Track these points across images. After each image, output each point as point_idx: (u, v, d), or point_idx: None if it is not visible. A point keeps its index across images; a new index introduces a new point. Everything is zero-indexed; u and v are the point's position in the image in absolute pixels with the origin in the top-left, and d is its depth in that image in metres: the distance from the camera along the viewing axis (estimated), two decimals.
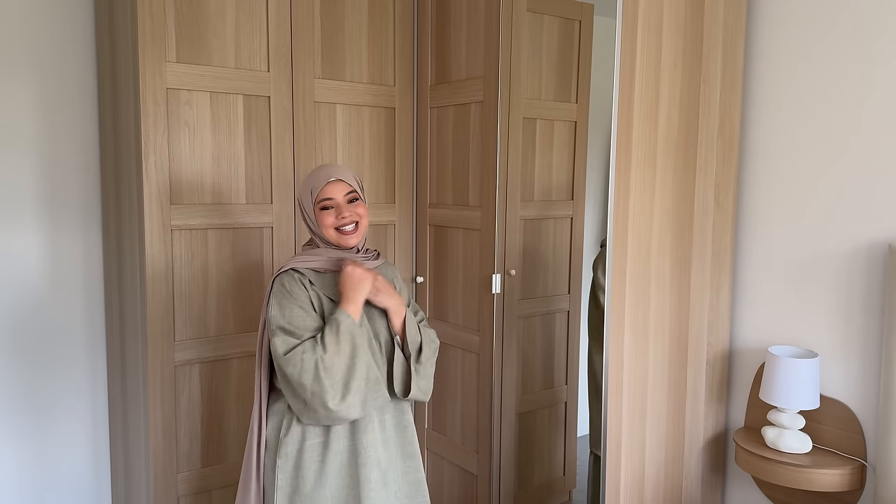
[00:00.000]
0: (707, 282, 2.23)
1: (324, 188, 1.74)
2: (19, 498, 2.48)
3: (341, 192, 1.75)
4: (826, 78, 2.10)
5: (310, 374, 1.60)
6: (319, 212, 1.74)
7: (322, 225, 1.74)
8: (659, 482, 2.20)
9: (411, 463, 1.85)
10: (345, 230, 1.74)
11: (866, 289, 2.03)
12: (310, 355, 1.62)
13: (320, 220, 1.74)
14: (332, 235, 1.75)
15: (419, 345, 1.82)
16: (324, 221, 1.74)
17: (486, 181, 2.58)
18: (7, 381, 2.44)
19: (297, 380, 1.62)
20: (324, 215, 1.74)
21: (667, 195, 2.10)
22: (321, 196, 1.74)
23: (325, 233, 1.75)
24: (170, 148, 2.23)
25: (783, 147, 2.21)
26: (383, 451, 1.77)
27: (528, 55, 2.63)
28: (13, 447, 2.46)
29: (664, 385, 2.17)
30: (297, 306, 1.69)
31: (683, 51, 2.07)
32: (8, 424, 2.45)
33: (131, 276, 2.30)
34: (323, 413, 1.63)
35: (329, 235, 1.75)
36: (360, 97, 2.63)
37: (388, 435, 1.80)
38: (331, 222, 1.73)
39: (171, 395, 2.27)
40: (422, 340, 1.83)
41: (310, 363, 1.61)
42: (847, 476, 1.99)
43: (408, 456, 1.84)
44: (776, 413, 2.09)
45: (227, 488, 2.42)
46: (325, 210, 1.74)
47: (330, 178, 1.74)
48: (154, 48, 2.17)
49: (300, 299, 1.70)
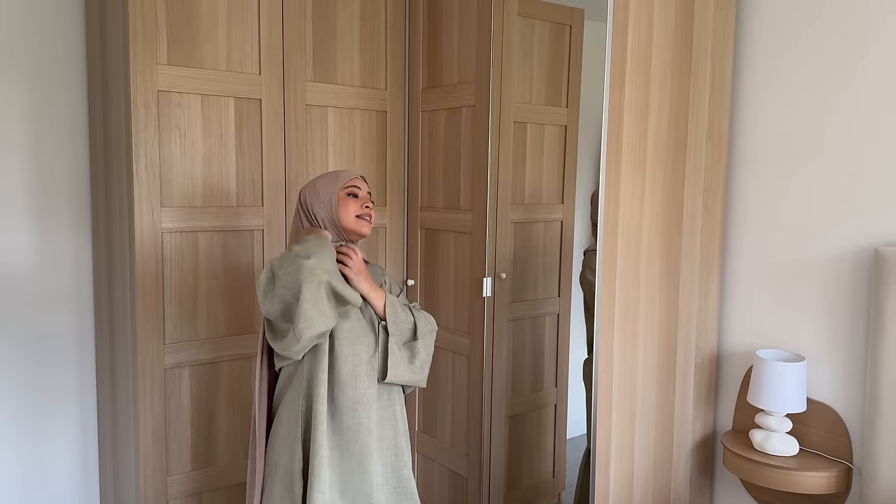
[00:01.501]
0: (696, 285, 2.25)
1: (353, 179, 1.84)
2: (6, 502, 2.47)
3: (364, 188, 1.86)
4: (814, 85, 2.12)
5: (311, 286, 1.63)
6: (345, 197, 1.81)
7: (345, 209, 1.80)
8: (648, 485, 2.21)
9: (403, 458, 1.87)
10: (365, 218, 1.81)
11: (852, 293, 2.06)
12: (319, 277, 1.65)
13: (344, 204, 1.80)
14: (352, 221, 1.80)
15: (413, 324, 1.87)
16: (349, 207, 1.80)
17: (476, 184, 2.59)
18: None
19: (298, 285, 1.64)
20: (349, 201, 1.81)
21: (656, 200, 2.11)
22: (350, 183, 1.83)
23: (346, 218, 1.80)
24: (160, 150, 2.23)
25: (771, 152, 2.23)
26: (377, 433, 1.80)
27: (519, 59, 2.65)
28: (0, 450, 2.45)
29: (653, 388, 2.18)
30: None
31: (673, 57, 2.09)
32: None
33: (121, 278, 2.29)
34: (300, 325, 1.63)
35: (349, 220, 1.80)
36: (352, 100, 2.64)
37: (374, 424, 1.81)
38: (355, 209, 1.81)
39: (161, 397, 2.27)
40: (415, 321, 1.87)
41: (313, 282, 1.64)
42: (833, 479, 2.01)
43: (399, 449, 1.86)
44: (763, 416, 2.11)
45: (217, 491, 2.41)
46: (352, 197, 1.82)
47: (357, 174, 1.86)
48: (145, 50, 2.16)
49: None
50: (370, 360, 1.80)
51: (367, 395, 1.77)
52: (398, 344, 1.83)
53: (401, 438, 1.87)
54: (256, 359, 1.84)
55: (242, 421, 2.46)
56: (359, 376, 1.77)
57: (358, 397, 1.76)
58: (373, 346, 1.81)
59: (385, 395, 1.84)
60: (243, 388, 2.45)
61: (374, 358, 1.81)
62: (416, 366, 1.85)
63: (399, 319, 1.85)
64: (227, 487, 2.44)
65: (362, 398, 1.77)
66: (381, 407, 1.82)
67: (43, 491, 2.52)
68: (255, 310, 2.47)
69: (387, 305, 1.84)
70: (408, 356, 1.84)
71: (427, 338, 1.88)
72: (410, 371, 1.84)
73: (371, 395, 1.78)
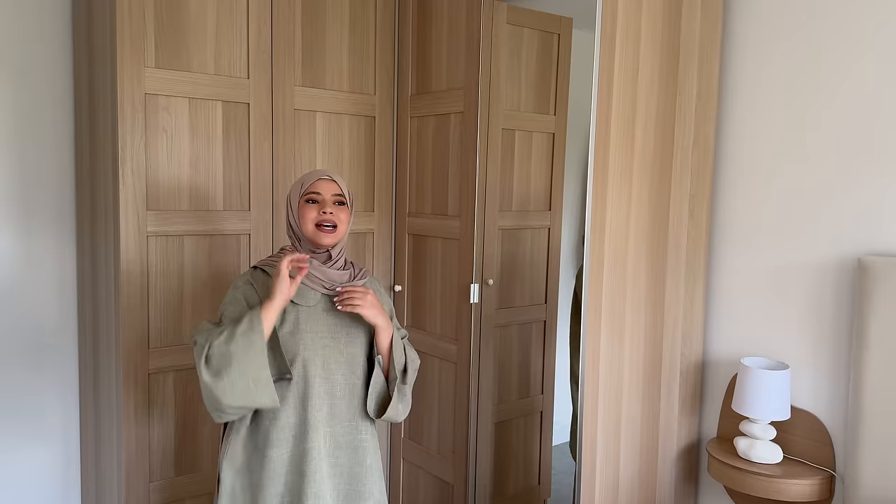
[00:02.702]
0: (681, 293, 2.26)
1: (314, 183, 1.73)
2: None
3: (329, 190, 1.73)
4: (800, 94, 2.14)
5: (199, 349, 1.59)
6: (304, 204, 1.72)
7: (303, 218, 1.71)
8: (633, 492, 2.21)
9: (357, 487, 1.78)
10: (323, 227, 1.70)
11: (836, 302, 2.07)
12: (205, 336, 1.60)
13: (302, 212, 1.71)
14: (310, 230, 1.70)
15: (404, 366, 1.81)
16: (306, 215, 1.70)
17: (465, 191, 2.59)
18: None
19: (196, 354, 1.62)
20: (307, 208, 1.71)
21: (643, 207, 2.13)
22: (309, 189, 1.72)
23: (304, 227, 1.71)
24: (147, 153, 2.22)
25: (757, 161, 2.25)
26: (327, 465, 1.72)
27: (508, 67, 2.66)
28: None
29: (639, 395, 2.19)
30: (234, 302, 1.69)
31: (660, 65, 2.11)
32: None
33: (105, 282, 2.28)
34: (204, 392, 1.58)
35: (307, 230, 1.71)
36: (341, 105, 2.63)
37: (337, 450, 1.76)
38: (312, 217, 1.70)
39: (145, 403, 2.25)
40: (406, 362, 1.82)
41: (199, 348, 1.59)
42: (817, 486, 2.02)
43: (354, 479, 1.78)
44: (748, 424, 2.12)
45: (200, 497, 2.39)
46: (310, 203, 1.71)
47: (322, 175, 1.74)
48: (133, 53, 2.15)
49: (239, 301, 1.69)
50: (344, 384, 1.75)
51: (317, 417, 1.72)
52: (399, 382, 1.78)
53: (357, 468, 1.78)
54: None
55: None
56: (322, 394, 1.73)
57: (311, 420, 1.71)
58: (354, 371, 1.77)
59: (347, 420, 1.77)
60: None
61: (353, 385, 1.76)
62: (406, 405, 1.83)
63: (397, 359, 1.79)
64: (210, 494, 2.42)
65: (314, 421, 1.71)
66: (341, 433, 1.76)
67: (21, 499, 2.49)
68: None
69: (394, 344, 1.77)
70: (404, 396, 1.80)
71: (413, 378, 1.85)
72: (398, 413, 1.80)
73: (321, 418, 1.72)
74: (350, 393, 1.76)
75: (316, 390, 1.70)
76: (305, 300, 1.73)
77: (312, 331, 1.71)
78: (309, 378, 1.70)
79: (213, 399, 1.56)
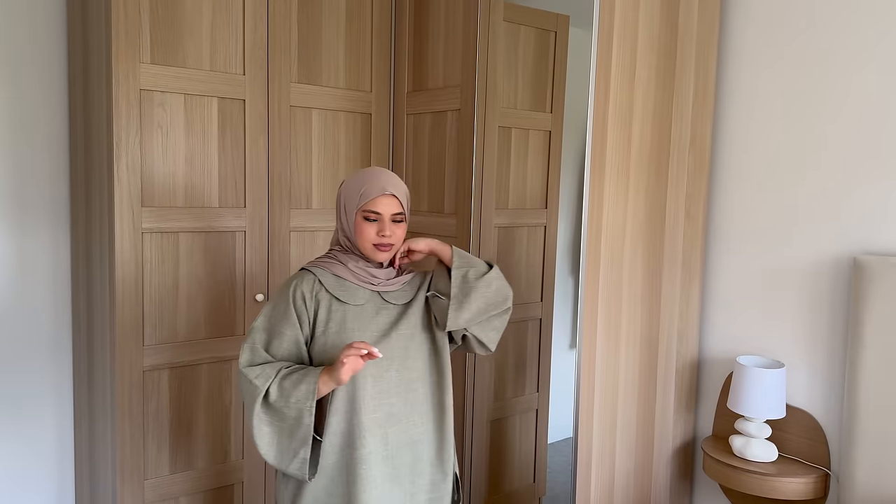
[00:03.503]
0: (677, 292, 2.26)
1: (376, 199, 1.65)
2: None
3: (390, 209, 1.66)
4: (796, 94, 2.14)
5: (248, 396, 1.62)
6: (361, 220, 1.66)
7: (359, 233, 1.67)
8: (629, 490, 2.22)
9: (419, 481, 1.73)
10: (380, 248, 1.66)
11: (832, 301, 2.08)
12: (260, 382, 1.59)
13: (359, 228, 1.67)
14: (368, 249, 1.67)
15: (485, 265, 1.75)
16: (363, 232, 1.66)
17: (461, 189, 2.59)
18: None
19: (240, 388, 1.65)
20: (365, 225, 1.66)
21: (639, 206, 2.13)
22: (369, 207, 1.65)
23: (360, 243, 1.67)
24: (142, 150, 2.21)
25: (753, 160, 2.25)
26: (386, 468, 1.68)
27: (505, 65, 2.65)
28: None
29: (634, 393, 2.19)
30: (285, 319, 1.65)
31: (657, 65, 2.11)
32: None
33: (100, 279, 2.27)
34: (248, 418, 1.61)
35: (364, 247, 1.67)
36: (337, 102, 2.63)
37: (399, 450, 1.70)
38: (370, 237, 1.65)
39: (140, 400, 2.24)
40: (491, 263, 1.76)
41: (251, 391, 1.60)
42: (811, 484, 2.03)
43: (416, 475, 1.73)
44: (743, 422, 2.12)
45: (195, 495, 2.39)
46: (368, 221, 1.66)
47: (386, 190, 1.66)
48: (128, 49, 2.14)
49: (290, 320, 1.65)
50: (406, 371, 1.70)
51: (370, 420, 1.66)
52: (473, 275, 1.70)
53: (418, 463, 1.73)
54: None
55: (222, 424, 2.43)
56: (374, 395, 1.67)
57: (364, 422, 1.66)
58: (408, 367, 1.70)
59: (404, 418, 1.71)
60: (223, 390, 2.42)
61: (408, 381, 1.70)
62: (493, 290, 1.72)
63: (468, 255, 1.73)
64: (206, 491, 2.41)
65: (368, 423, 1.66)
66: (398, 432, 1.70)
67: (15, 495, 2.48)
68: (236, 312, 2.45)
69: (455, 253, 1.71)
70: (470, 301, 1.69)
71: (492, 290, 1.73)
72: (463, 319, 1.69)
73: (376, 420, 1.66)
74: (406, 389, 1.70)
75: (368, 391, 1.65)
76: (353, 299, 1.68)
77: (360, 329, 1.67)
78: (357, 379, 1.64)
79: (252, 434, 1.61)
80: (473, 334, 1.75)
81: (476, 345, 1.79)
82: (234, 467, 2.46)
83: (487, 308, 1.72)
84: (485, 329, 1.76)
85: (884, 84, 1.96)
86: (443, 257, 1.74)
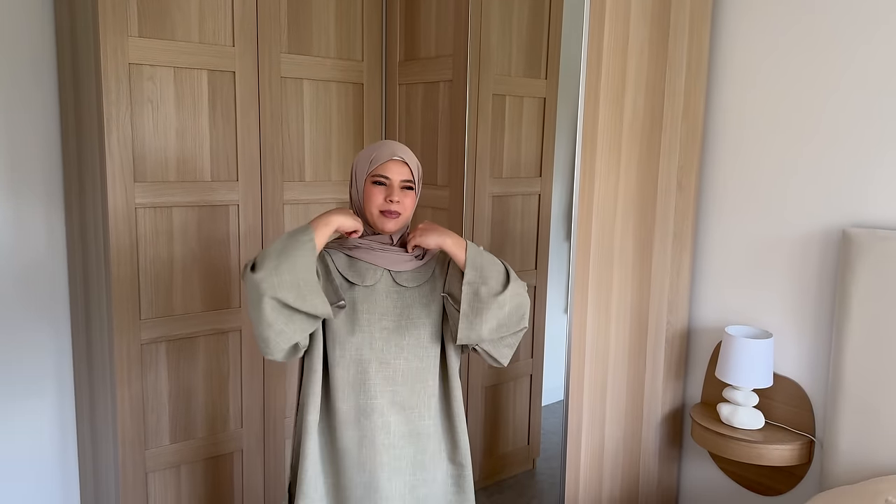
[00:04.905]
0: (668, 262, 2.28)
1: (385, 164, 1.61)
2: None
3: (399, 175, 1.61)
4: (789, 66, 2.13)
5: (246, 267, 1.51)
6: (370, 185, 1.61)
7: (368, 199, 1.61)
8: (618, 457, 2.27)
9: (422, 476, 1.66)
10: (388, 214, 1.61)
11: (820, 273, 2.10)
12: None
13: (368, 193, 1.61)
14: (374, 215, 1.61)
15: (504, 271, 1.62)
16: (372, 197, 1.61)
17: (454, 160, 2.59)
18: None
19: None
20: (373, 190, 1.61)
21: (631, 177, 2.13)
22: (378, 171, 1.61)
23: (368, 209, 1.62)
24: (133, 125, 2.20)
25: (745, 133, 2.24)
26: (387, 457, 1.63)
27: (499, 31, 2.62)
28: None
29: (624, 361, 2.23)
30: None
31: (650, 37, 2.09)
32: None
33: (95, 255, 2.28)
34: (252, 301, 1.47)
35: (371, 214, 1.62)
36: (328, 72, 2.60)
37: (401, 439, 1.63)
38: (378, 202, 1.60)
39: (138, 373, 2.28)
40: (507, 267, 1.64)
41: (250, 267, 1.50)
42: (796, 451, 2.08)
43: (419, 467, 1.66)
44: (731, 390, 2.16)
45: (195, 463, 2.44)
46: (377, 185, 1.61)
47: (395, 155, 1.61)
48: (115, 22, 2.11)
49: None
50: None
51: (373, 405, 1.59)
52: (487, 291, 1.57)
53: (420, 456, 1.66)
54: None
55: (221, 394, 2.48)
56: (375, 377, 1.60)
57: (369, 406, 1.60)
58: (419, 356, 1.62)
59: (409, 408, 1.63)
60: (220, 362, 2.46)
61: (416, 370, 1.63)
62: (482, 328, 1.57)
63: (485, 262, 1.60)
64: (206, 459, 2.47)
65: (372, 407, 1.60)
66: (402, 421, 1.63)
67: (20, 468, 2.53)
68: (232, 285, 2.47)
69: (469, 251, 1.59)
70: (483, 312, 1.57)
71: (519, 289, 1.61)
72: (477, 332, 1.57)
73: (378, 406, 1.60)
74: (413, 378, 1.63)
75: (372, 377, 1.59)
76: (363, 279, 1.62)
77: (370, 311, 1.61)
78: (364, 363, 1.59)
79: (260, 302, 1.44)
80: (484, 349, 1.65)
81: (487, 357, 1.68)
82: (232, 436, 2.51)
83: (500, 329, 1.61)
84: (497, 346, 1.65)
85: (878, 58, 1.95)
86: (456, 261, 1.61)
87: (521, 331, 1.65)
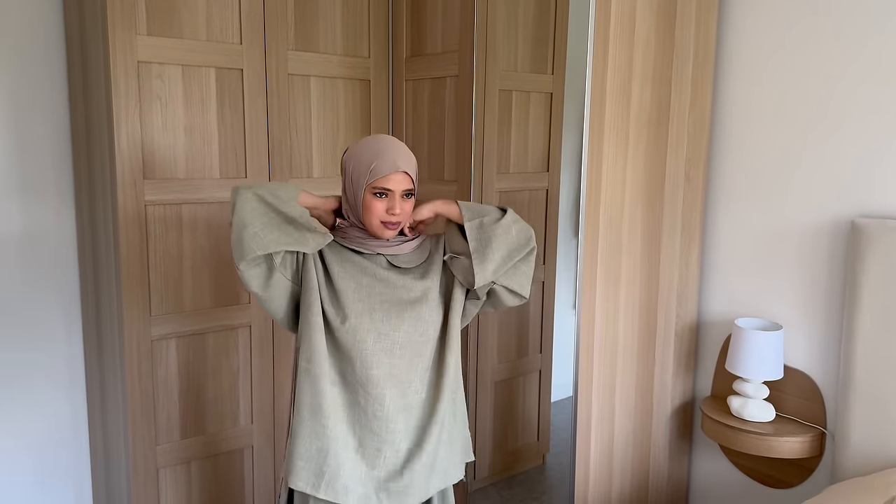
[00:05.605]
0: (676, 254, 2.27)
1: (388, 177, 1.56)
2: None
3: (401, 186, 1.58)
4: (797, 57, 2.12)
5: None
6: (370, 196, 1.58)
7: (367, 209, 1.58)
8: (628, 450, 2.26)
9: (415, 448, 1.64)
10: (388, 225, 1.59)
11: (829, 264, 2.09)
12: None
13: (368, 204, 1.58)
14: (375, 225, 1.59)
15: (499, 212, 1.67)
16: (372, 209, 1.58)
17: (461, 155, 2.59)
18: None
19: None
20: (375, 202, 1.57)
21: (638, 169, 2.12)
22: (380, 184, 1.56)
23: (367, 219, 1.60)
24: (142, 122, 2.21)
25: (753, 124, 2.23)
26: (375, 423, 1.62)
27: (505, 26, 2.62)
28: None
29: (633, 354, 2.22)
30: None
31: (657, 27, 2.08)
32: None
33: (105, 252, 2.30)
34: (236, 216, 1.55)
35: (371, 224, 1.60)
36: (335, 69, 2.61)
37: (396, 413, 1.62)
38: (378, 213, 1.58)
39: (149, 369, 2.29)
40: (505, 210, 1.68)
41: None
42: (808, 443, 2.07)
43: (413, 441, 1.64)
44: (741, 383, 2.15)
45: (206, 459, 2.46)
46: (377, 197, 1.58)
47: (398, 168, 1.57)
48: (124, 21, 2.13)
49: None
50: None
51: (369, 376, 1.59)
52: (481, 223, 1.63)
53: (413, 430, 1.64)
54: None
55: (231, 390, 2.49)
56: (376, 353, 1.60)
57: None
58: (418, 330, 1.62)
59: (406, 382, 1.62)
60: (231, 358, 2.47)
61: (415, 343, 1.62)
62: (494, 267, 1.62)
63: (478, 206, 1.65)
64: (217, 455, 2.48)
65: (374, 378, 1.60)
66: (397, 395, 1.62)
67: (32, 464, 2.55)
68: (240, 282, 2.48)
69: (459, 203, 1.65)
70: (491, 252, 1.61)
71: (516, 215, 1.67)
72: (489, 272, 1.60)
73: (373, 377, 1.59)
74: (411, 352, 1.61)
75: (370, 347, 1.58)
76: (364, 247, 1.64)
77: (369, 284, 1.61)
78: (360, 332, 1.58)
79: (239, 200, 1.54)
80: (503, 285, 1.66)
81: (507, 295, 1.68)
82: (243, 432, 2.52)
83: (511, 254, 1.63)
84: (513, 276, 1.65)
85: (885, 49, 1.94)
86: (451, 216, 1.67)
87: (531, 251, 1.69)
